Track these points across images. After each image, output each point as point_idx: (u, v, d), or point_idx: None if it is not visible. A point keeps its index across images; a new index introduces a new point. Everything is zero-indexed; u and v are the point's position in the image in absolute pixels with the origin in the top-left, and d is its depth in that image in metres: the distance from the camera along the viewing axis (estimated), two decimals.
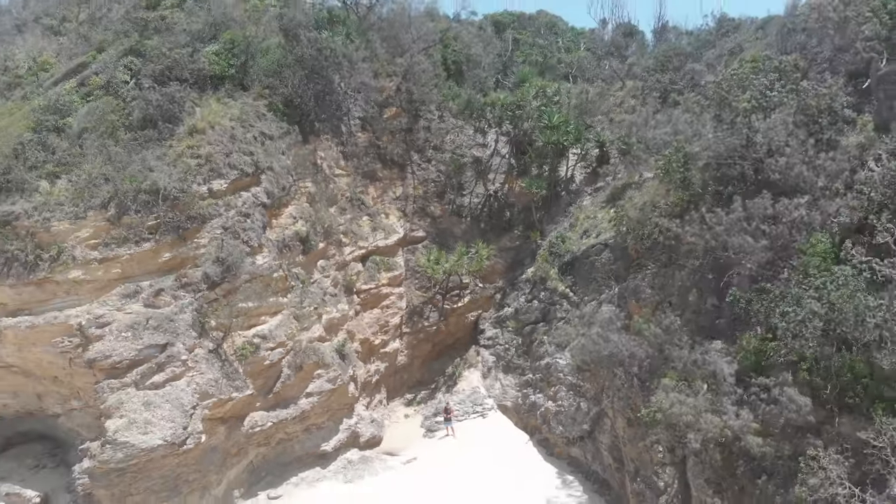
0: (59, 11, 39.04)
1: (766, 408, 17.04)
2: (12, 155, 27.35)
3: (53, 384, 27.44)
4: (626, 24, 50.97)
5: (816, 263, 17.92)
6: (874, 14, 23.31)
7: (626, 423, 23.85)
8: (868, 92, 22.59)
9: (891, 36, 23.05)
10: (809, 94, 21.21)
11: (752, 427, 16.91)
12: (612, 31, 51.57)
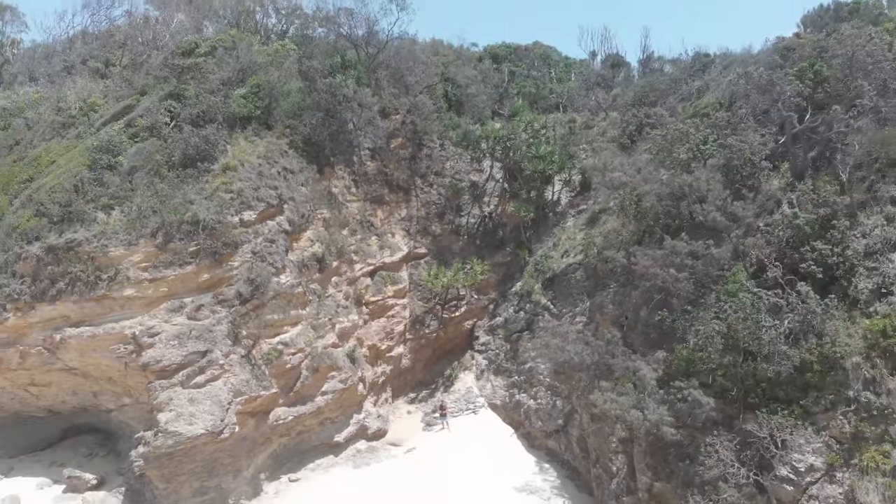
0: (102, 54, 44.15)
1: (679, 405, 21.77)
2: (73, 190, 32.40)
3: (108, 384, 32.46)
4: (615, 55, 55.51)
5: (728, 290, 22.60)
6: (798, 77, 27.95)
7: (589, 418, 28.54)
8: (793, 142, 27.22)
9: (814, 94, 27.69)
10: (733, 149, 25.86)
11: (667, 420, 21.64)
12: (600, 63, 56.09)
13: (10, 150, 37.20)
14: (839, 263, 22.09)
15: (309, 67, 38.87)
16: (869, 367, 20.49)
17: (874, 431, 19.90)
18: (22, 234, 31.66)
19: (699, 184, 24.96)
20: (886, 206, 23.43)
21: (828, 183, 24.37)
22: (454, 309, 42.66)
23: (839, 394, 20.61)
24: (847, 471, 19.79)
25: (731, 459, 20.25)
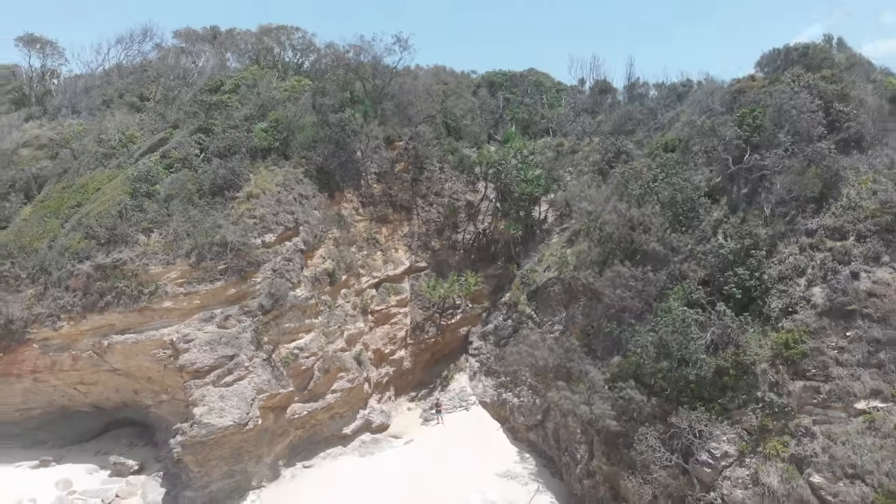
0: (137, 88, 49.29)
1: (620, 402, 26.59)
2: (117, 215, 37.53)
3: (148, 383, 37.60)
4: (602, 82, 60.12)
5: (663, 308, 27.41)
6: (739, 123, 32.69)
7: (561, 413, 33.38)
8: (730, 180, 31.98)
9: (750, 138, 32.40)
10: (677, 186, 30.63)
11: (609, 414, 26.48)
12: (589, 89, 60.64)
13: (59, 177, 42.33)
14: (756, 286, 26.85)
15: (321, 104, 43.80)
16: (774, 373, 25.22)
17: (776, 425, 24.66)
18: (74, 253, 36.78)
19: (644, 217, 29.76)
20: (801, 238, 28.15)
21: (755, 216, 29.14)
22: (451, 316, 47.59)
23: (749, 394, 25.38)
24: (754, 457, 24.52)
25: (658, 446, 25.07)
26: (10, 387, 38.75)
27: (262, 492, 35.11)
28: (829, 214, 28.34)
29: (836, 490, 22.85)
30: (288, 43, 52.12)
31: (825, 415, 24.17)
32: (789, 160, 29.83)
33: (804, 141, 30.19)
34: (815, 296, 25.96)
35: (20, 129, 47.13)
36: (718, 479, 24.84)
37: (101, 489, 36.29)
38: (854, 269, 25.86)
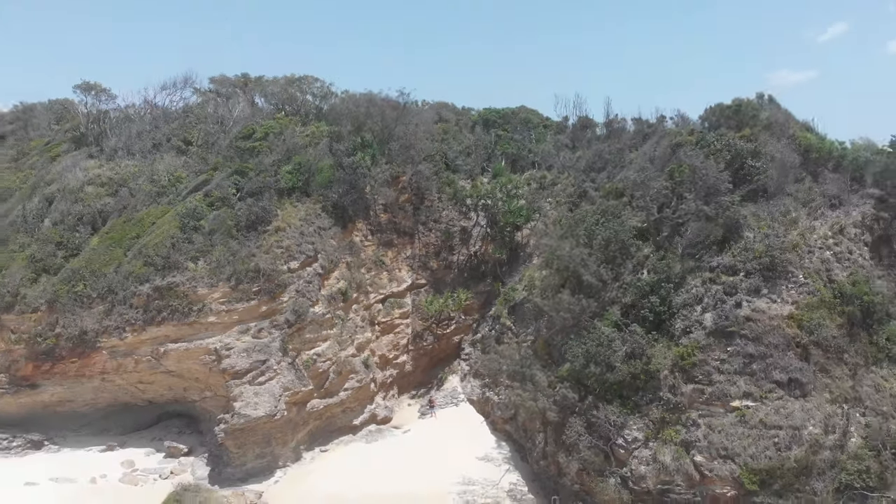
0: (181, 133, 58.08)
1: (558, 399, 34.86)
2: (170, 245, 46.23)
3: (195, 382, 46.32)
4: (584, 118, 68.09)
5: (593, 327, 35.63)
6: (668, 176, 40.81)
7: (521, 408, 41.61)
8: (656, 224, 40.09)
9: (675, 189, 40.45)
10: (612, 230, 38.86)
11: (551, 407, 34.73)
12: (572, 125, 68.62)
13: (119, 213, 51.16)
14: (664, 311, 35.01)
15: (336, 149, 52.35)
16: (672, 378, 33.37)
17: (672, 417, 32.80)
18: (136, 277, 45.55)
19: (583, 256, 38.00)
20: (705, 273, 36.23)
21: (672, 255, 37.27)
22: (446, 326, 55.93)
23: (654, 394, 33.55)
24: (654, 441, 32.70)
25: (583, 432, 33.34)
26: (83, 385, 47.70)
27: (287, 469, 43.70)
28: (728, 254, 36.42)
29: (712, 467, 31.00)
30: (309, 91, 60.79)
31: (708, 410, 32.31)
32: (701, 210, 37.87)
33: (713, 194, 38.20)
34: (706, 320, 34.09)
35: (83, 167, 56.06)
36: (629, 458, 33.05)
37: (158, 468, 45.07)
38: (738, 299, 33.98)
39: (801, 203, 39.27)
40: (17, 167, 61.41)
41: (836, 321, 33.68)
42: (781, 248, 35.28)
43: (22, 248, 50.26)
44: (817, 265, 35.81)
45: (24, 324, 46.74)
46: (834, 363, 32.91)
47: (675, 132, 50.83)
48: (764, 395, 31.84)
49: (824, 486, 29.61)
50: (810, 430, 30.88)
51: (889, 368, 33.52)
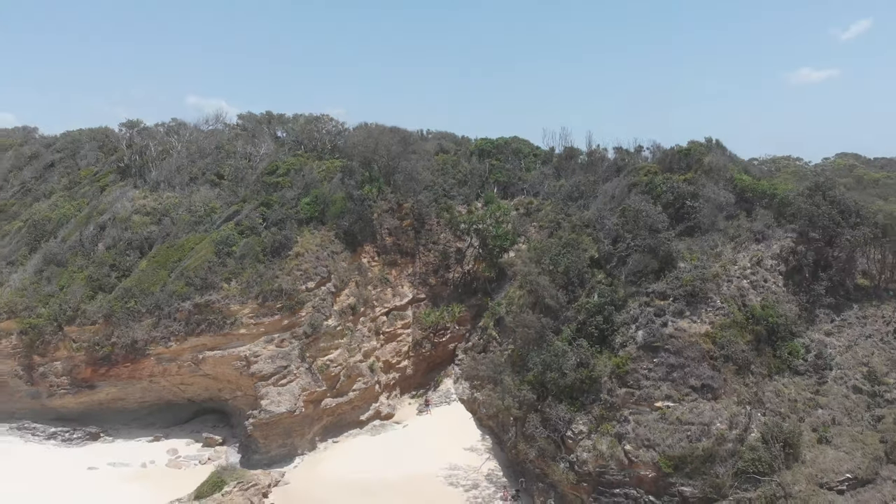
0: (214, 167, 66.93)
1: (521, 399, 43.22)
2: (207, 268, 55.04)
3: (228, 384, 55.13)
4: (570, 148, 76.14)
5: (549, 340, 43.92)
6: (620, 214, 49.00)
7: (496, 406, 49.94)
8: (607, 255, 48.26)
9: (624, 225, 48.57)
10: (570, 259, 47.07)
11: (514, 405, 43.08)
12: (557, 157, 76.73)
13: (163, 239, 59.99)
14: (607, 328, 43.24)
15: (348, 185, 60.94)
16: (610, 383, 41.57)
17: (609, 415, 40.94)
18: (178, 295, 54.40)
19: (545, 282, 46.38)
20: (642, 297, 44.39)
21: (618, 282, 45.48)
22: (442, 335, 64.37)
23: (596, 395, 41.74)
24: (595, 434, 40.85)
25: (539, 424, 41.68)
26: (133, 386, 56.70)
27: (304, 457, 52.42)
28: (662, 282, 44.54)
29: (638, 454, 39.13)
30: (325, 129, 69.46)
31: (637, 409, 40.46)
32: (642, 245, 46.03)
33: (654, 232, 46.35)
34: (639, 336, 42.24)
35: (129, 198, 65.08)
36: (576, 447, 41.31)
37: (197, 455, 53.93)
38: (664, 320, 42.13)
39: (730, 238, 47.37)
40: (71, 196, 70.59)
41: (746, 338, 41.67)
42: (703, 277, 43.35)
43: (80, 269, 59.31)
44: (734, 292, 43.82)
45: (84, 334, 55.76)
46: (741, 373, 40.92)
47: (644, 166, 58.99)
48: (681, 398, 39.93)
49: (725, 471, 37.60)
50: (717, 426, 38.90)
51: (789, 377, 41.46)
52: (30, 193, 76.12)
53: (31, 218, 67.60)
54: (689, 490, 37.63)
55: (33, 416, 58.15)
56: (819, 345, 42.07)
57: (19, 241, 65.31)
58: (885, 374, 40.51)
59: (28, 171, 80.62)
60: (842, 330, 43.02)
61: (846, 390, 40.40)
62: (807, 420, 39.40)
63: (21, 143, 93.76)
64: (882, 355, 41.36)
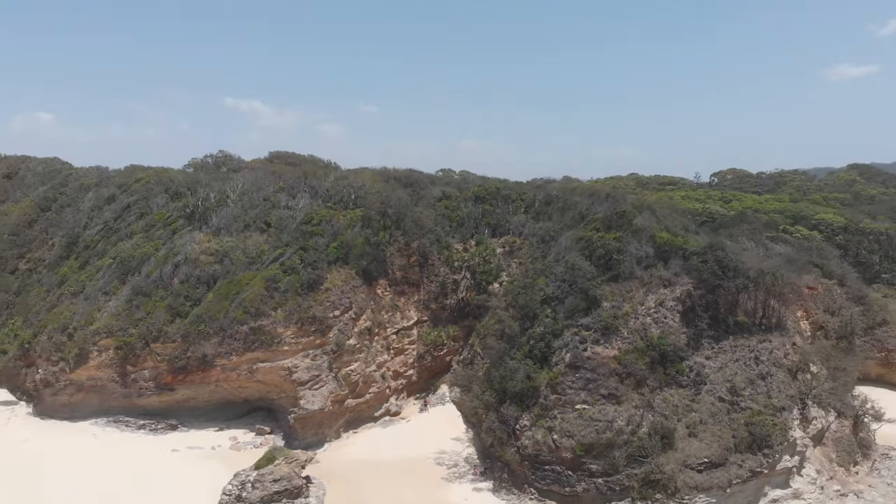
0: (262, 216, 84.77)
1: (484, 401, 60.28)
2: (259, 300, 72.91)
3: (274, 387, 72.94)
4: (548, 195, 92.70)
5: (507, 357, 60.94)
6: (565, 263, 65.86)
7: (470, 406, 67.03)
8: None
9: (567, 273, 65.37)
10: (525, 298, 63.97)
11: (481, 406, 60.13)
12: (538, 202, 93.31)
13: (224, 276, 77.89)
14: (546, 351, 60.10)
15: (366, 232, 78.46)
16: (545, 391, 58.43)
17: (544, 413, 57.67)
18: (237, 320, 72.21)
19: (506, 315, 63.39)
20: (573, 329, 61.05)
21: (559, 315, 62.27)
22: (441, 350, 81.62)
23: (536, 400, 58.59)
24: (534, 427, 57.76)
25: (495, 420, 58.74)
26: (203, 389, 74.78)
27: (331, 443, 70.08)
28: (588, 318, 61.21)
29: (562, 442, 55.92)
30: (350, 186, 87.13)
31: (563, 410, 57.19)
32: (574, 289, 62.76)
33: (584, 279, 62.99)
34: (567, 357, 59.03)
35: (196, 240, 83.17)
36: (521, 436, 58.22)
37: (252, 441, 71.73)
38: (585, 346, 58.89)
39: (643, 283, 63.83)
40: (149, 237, 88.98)
41: (644, 360, 58.13)
42: (616, 315, 59.99)
43: (162, 299, 77.51)
44: (638, 326, 60.31)
45: (166, 350, 73.92)
46: (639, 385, 57.43)
47: (594, 219, 75.59)
48: (594, 402, 56.58)
49: (620, 454, 54.08)
50: (617, 423, 55.40)
51: (674, 389, 57.74)
52: (112, 233, 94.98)
53: (118, 255, 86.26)
54: (594, 467, 54.37)
55: (125, 412, 76.32)
56: (699, 366, 58.41)
57: (111, 275, 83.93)
58: (743, 388, 56.62)
59: (108, 212, 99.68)
60: (717, 355, 59.21)
61: (713, 399, 56.66)
62: (683, 420, 55.73)
63: (96, 183, 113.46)
64: (742, 375, 57.48)
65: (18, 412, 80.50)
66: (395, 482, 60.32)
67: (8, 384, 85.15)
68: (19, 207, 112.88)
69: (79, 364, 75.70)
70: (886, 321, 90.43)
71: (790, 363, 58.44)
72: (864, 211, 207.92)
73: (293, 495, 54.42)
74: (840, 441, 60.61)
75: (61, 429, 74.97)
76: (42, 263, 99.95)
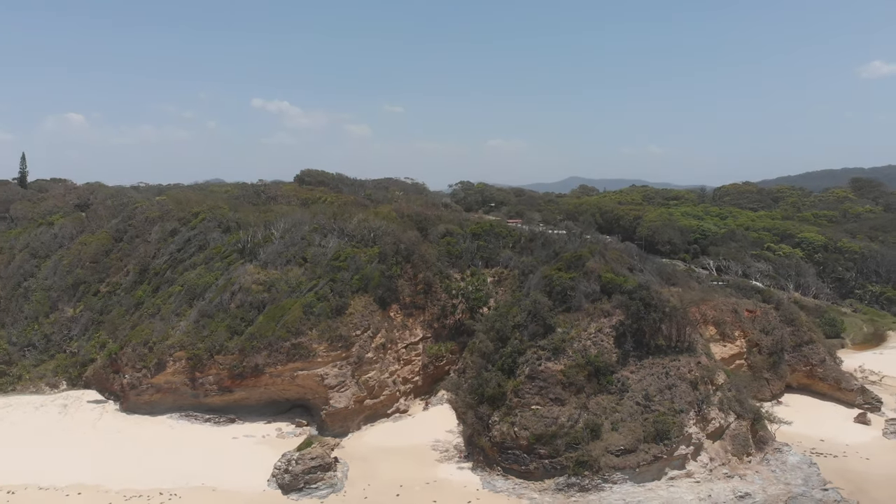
0: (300, 253, 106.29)
1: (467, 401, 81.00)
2: (299, 322, 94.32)
3: (311, 390, 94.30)
4: (532, 231, 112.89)
5: (483, 373, 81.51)
6: (530, 298, 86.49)
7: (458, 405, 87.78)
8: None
9: (531, 306, 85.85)
10: (500, 323, 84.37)
11: (463, 405, 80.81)
12: (523, 240, 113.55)
13: (271, 302, 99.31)
14: (512, 364, 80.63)
15: (382, 267, 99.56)
16: (511, 395, 78.83)
17: (509, 412, 78.22)
18: (282, 338, 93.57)
19: (485, 338, 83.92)
20: (532, 348, 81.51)
21: (524, 339, 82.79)
22: (441, 361, 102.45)
23: (503, 402, 79.10)
24: (502, 422, 78.38)
25: (473, 415, 79.43)
26: (255, 391, 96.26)
27: (353, 433, 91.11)
28: (544, 340, 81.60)
29: (520, 433, 76.42)
30: (370, 228, 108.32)
31: (522, 409, 77.70)
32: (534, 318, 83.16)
33: (544, 310, 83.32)
34: (526, 370, 79.49)
35: (248, 272, 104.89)
36: (493, 428, 78.84)
37: (293, 431, 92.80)
38: (540, 362, 79.31)
39: (588, 314, 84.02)
40: (209, 268, 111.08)
41: (583, 373, 78.34)
42: (564, 339, 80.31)
43: (222, 320, 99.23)
44: (580, 347, 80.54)
45: (227, 360, 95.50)
46: (579, 392, 77.66)
47: (565, 256, 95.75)
48: (545, 405, 76.95)
49: (561, 442, 74.34)
50: (561, 420, 75.76)
51: (605, 396, 77.94)
52: (178, 263, 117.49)
53: (185, 283, 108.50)
54: (542, 451, 74.81)
55: (194, 408, 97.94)
56: (624, 378, 78.57)
57: (181, 300, 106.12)
58: (654, 395, 76.68)
59: (173, 244, 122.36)
60: (638, 370, 79.29)
61: (632, 404, 76.78)
62: (609, 419, 75.92)
63: (160, 216, 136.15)
64: (655, 385, 77.53)
65: (108, 409, 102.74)
66: (401, 463, 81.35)
67: (97, 386, 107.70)
68: (97, 238, 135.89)
69: (158, 371, 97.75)
70: (812, 340, 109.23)
71: (692, 377, 78.36)
72: (847, 229, 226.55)
73: (325, 469, 75.58)
74: (737, 437, 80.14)
75: (144, 421, 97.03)
76: (119, 287, 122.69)
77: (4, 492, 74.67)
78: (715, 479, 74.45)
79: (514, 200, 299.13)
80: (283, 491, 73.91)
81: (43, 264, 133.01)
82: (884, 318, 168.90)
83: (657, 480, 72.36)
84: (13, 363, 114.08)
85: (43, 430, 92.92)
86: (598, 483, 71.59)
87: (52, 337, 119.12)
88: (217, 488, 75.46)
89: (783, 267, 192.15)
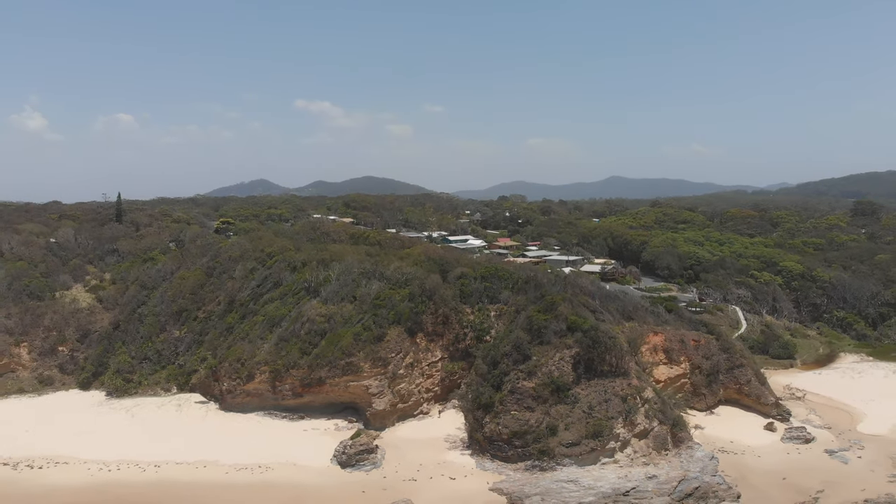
0: (351, 291, 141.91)
1: (466, 407, 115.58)
2: (350, 346, 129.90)
3: (359, 396, 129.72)
4: (528, 276, 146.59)
5: (479, 386, 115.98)
6: (518, 330, 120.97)
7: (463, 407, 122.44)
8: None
9: (518, 337, 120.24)
10: (496, 349, 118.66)
11: (467, 408, 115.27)
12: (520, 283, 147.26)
13: (331, 330, 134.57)
14: (500, 383, 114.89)
15: (410, 305, 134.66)
16: (498, 404, 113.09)
17: (495, 415, 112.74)
18: (338, 358, 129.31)
19: (481, 362, 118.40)
20: (514, 371, 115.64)
21: (509, 363, 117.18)
22: (454, 376, 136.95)
23: (493, 408, 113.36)
24: (492, 422, 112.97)
25: (472, 418, 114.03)
26: (319, 396, 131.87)
27: (388, 429, 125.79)
28: (523, 365, 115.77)
29: (503, 431, 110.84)
30: (402, 272, 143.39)
31: (505, 414, 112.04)
32: (516, 348, 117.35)
33: (523, 343, 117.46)
34: (509, 387, 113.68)
35: (314, 306, 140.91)
36: (485, 427, 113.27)
37: (346, 425, 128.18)
38: (518, 381, 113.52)
39: (554, 346, 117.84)
40: (283, 303, 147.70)
41: (548, 389, 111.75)
42: (537, 364, 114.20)
43: (295, 343, 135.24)
44: (547, 371, 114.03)
45: (299, 373, 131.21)
46: (545, 403, 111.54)
47: (547, 298, 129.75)
48: (521, 410, 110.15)
49: (530, 437, 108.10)
50: (531, 422, 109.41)
51: (562, 406, 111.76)
52: (259, 296, 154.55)
53: (267, 314, 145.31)
54: (517, 443, 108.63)
55: (274, 408, 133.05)
56: (576, 394, 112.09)
57: (263, 328, 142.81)
58: (595, 406, 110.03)
59: (254, 281, 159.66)
60: (587, 388, 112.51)
61: (580, 412, 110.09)
62: (563, 422, 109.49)
63: (241, 255, 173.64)
64: (596, 399, 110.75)
65: (211, 408, 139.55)
66: (422, 450, 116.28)
67: (201, 391, 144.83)
68: (192, 274, 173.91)
69: (248, 380, 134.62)
70: (743, 364, 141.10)
71: (623, 394, 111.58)
72: (827, 258, 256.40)
73: (369, 452, 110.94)
74: (658, 436, 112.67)
75: (238, 418, 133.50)
76: (213, 314, 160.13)
77: (153, 466, 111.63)
78: (634, 466, 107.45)
79: (539, 220, 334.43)
80: (341, 466, 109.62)
81: (151, 294, 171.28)
82: (842, 341, 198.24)
83: (593, 465, 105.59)
84: (134, 372, 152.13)
85: (168, 422, 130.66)
86: (553, 465, 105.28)
87: (163, 352, 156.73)
88: (296, 463, 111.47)
89: (761, 293, 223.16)
